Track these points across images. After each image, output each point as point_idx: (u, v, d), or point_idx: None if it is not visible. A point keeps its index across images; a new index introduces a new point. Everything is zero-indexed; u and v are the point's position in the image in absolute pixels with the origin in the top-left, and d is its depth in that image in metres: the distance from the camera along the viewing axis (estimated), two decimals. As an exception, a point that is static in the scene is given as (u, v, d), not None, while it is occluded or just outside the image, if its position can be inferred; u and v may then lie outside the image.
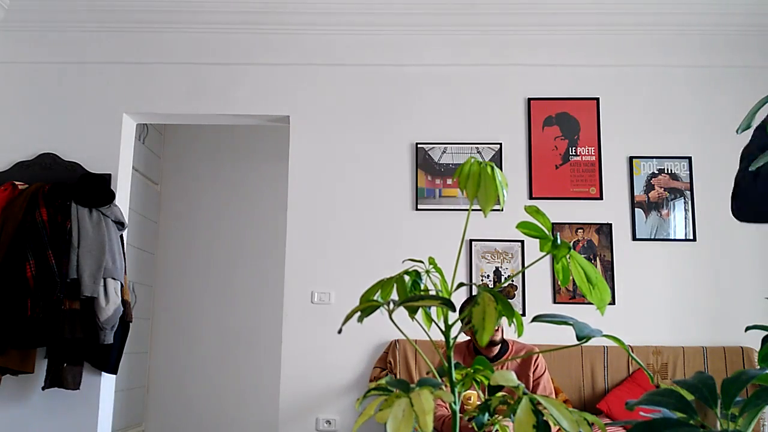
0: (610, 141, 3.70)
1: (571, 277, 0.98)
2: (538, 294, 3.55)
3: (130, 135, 3.82)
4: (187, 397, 4.75)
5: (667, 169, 3.66)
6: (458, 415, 0.86)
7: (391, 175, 3.69)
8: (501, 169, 3.15)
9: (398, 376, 3.33)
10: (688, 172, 3.65)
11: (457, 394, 0.87)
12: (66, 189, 3.42)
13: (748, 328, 1.05)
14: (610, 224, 3.61)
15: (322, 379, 3.51)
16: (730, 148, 3.61)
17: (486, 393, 0.96)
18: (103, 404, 3.47)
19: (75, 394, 3.33)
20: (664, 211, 3.63)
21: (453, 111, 3.75)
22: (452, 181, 3.66)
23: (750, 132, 1.22)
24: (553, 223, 3.23)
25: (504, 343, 2.97)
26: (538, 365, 2.98)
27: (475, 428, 0.93)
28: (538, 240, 0.99)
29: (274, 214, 4.72)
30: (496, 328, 2.86)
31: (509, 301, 0.90)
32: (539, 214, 0.99)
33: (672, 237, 3.61)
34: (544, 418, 0.78)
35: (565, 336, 1.31)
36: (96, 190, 3.43)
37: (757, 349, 2.18)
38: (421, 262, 1.07)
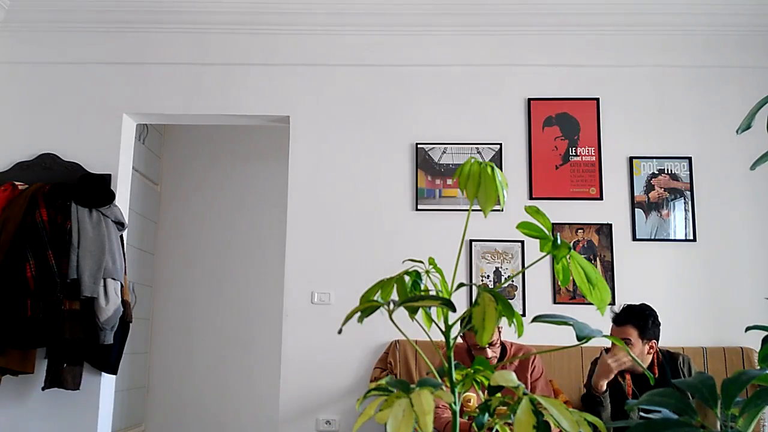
0: (610, 141, 3.70)
1: (571, 278, 0.98)
2: (538, 294, 3.55)
3: (130, 135, 3.82)
4: (187, 397, 4.75)
5: (667, 170, 3.66)
6: (458, 416, 0.86)
7: (391, 175, 3.69)
8: (501, 169, 3.15)
9: (398, 377, 3.33)
10: (688, 173, 3.65)
11: (457, 395, 0.87)
12: (66, 189, 3.42)
13: (748, 329, 1.05)
14: (610, 224, 3.61)
15: (322, 380, 3.50)
16: (730, 148, 3.64)
17: (486, 394, 0.96)
18: (103, 404, 3.46)
19: (75, 394, 3.33)
20: (664, 212, 3.63)
21: (453, 111, 3.75)
22: (452, 182, 3.66)
23: (750, 133, 1.22)
24: (553, 224, 3.23)
25: (502, 345, 2.96)
26: (535, 367, 2.97)
27: (476, 429, 0.93)
28: (538, 240, 0.99)
29: (274, 214, 4.72)
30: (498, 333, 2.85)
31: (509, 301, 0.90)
32: (539, 215, 0.99)
33: (672, 237, 3.61)
34: (545, 418, 0.78)
35: (565, 336, 1.31)
36: (96, 190, 3.43)
37: (757, 349, 2.18)
38: (421, 262, 1.07)
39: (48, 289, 3.21)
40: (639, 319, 2.79)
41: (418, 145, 3.70)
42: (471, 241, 3.58)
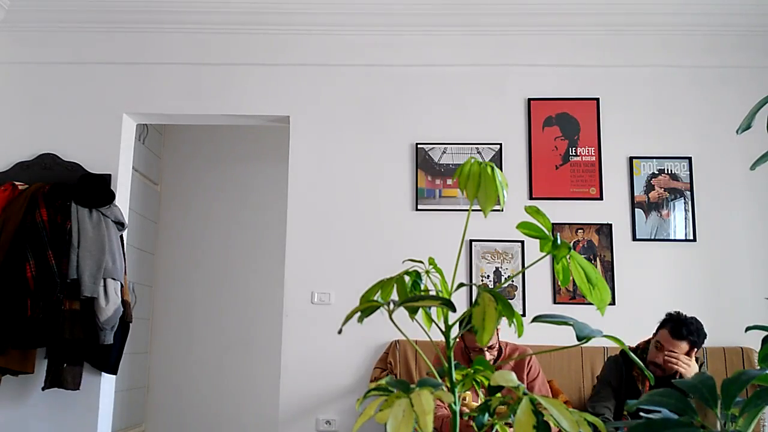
0: (610, 141, 3.70)
1: (571, 278, 0.98)
2: (538, 294, 3.55)
3: (130, 135, 3.82)
4: (187, 397, 4.75)
5: (667, 170, 3.66)
6: (458, 415, 0.86)
7: (391, 175, 3.69)
8: (501, 169, 3.16)
9: (398, 377, 3.33)
10: (688, 172, 3.65)
11: (457, 395, 0.87)
12: (66, 189, 3.42)
13: (748, 329, 1.05)
14: (610, 224, 3.61)
15: (322, 380, 3.51)
16: (730, 148, 3.64)
17: (485, 393, 0.96)
18: (103, 404, 3.46)
19: (75, 394, 3.33)
20: (664, 212, 3.63)
21: (453, 111, 3.75)
22: (452, 182, 3.66)
23: (750, 133, 1.22)
24: (553, 224, 3.23)
25: (498, 347, 2.96)
26: (531, 367, 2.96)
27: (475, 429, 0.93)
28: (538, 240, 0.99)
29: (274, 214, 4.72)
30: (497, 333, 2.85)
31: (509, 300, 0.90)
32: (539, 215, 0.99)
33: (672, 237, 3.61)
34: (544, 418, 0.78)
35: (566, 336, 1.31)
36: (96, 190, 3.43)
37: (757, 349, 2.18)
38: (421, 262, 1.07)
39: (48, 289, 3.21)
40: (696, 337, 2.75)
41: (418, 145, 3.70)
42: (471, 241, 3.58)
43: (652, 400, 0.80)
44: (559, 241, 0.98)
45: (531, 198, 3.64)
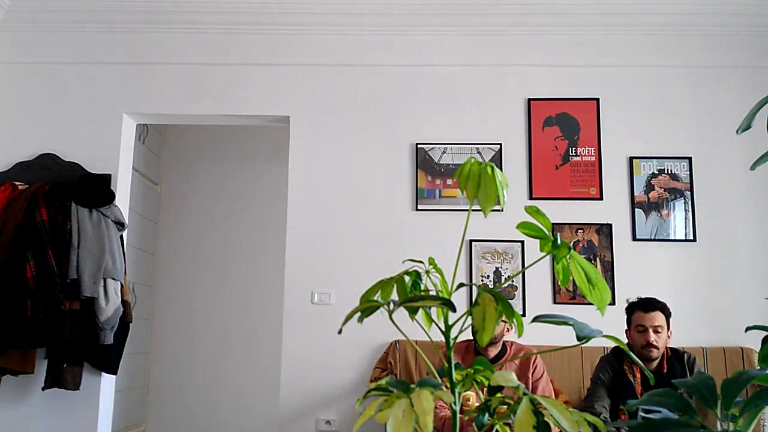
0: (610, 141, 3.70)
1: (571, 278, 0.98)
2: (538, 294, 3.55)
3: (130, 135, 3.82)
4: (187, 397, 4.75)
5: (667, 170, 3.66)
6: (458, 415, 0.86)
7: (391, 175, 3.69)
8: (501, 169, 3.16)
9: (398, 377, 3.33)
10: (688, 173, 3.65)
11: (457, 395, 0.87)
12: (66, 189, 3.42)
13: (748, 329, 1.05)
14: (610, 224, 3.61)
15: (322, 380, 3.51)
16: (730, 148, 3.64)
17: (486, 394, 0.96)
18: (103, 404, 3.46)
19: (75, 395, 3.33)
20: (664, 212, 3.63)
21: (453, 111, 3.75)
22: (452, 181, 3.66)
23: (750, 133, 1.22)
24: (553, 224, 3.23)
25: (502, 345, 2.97)
26: (536, 367, 2.98)
27: (475, 429, 0.93)
28: (538, 240, 0.99)
29: (274, 214, 4.72)
30: (505, 329, 2.91)
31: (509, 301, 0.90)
32: (539, 215, 0.99)
33: (672, 237, 3.61)
34: (545, 418, 0.78)
35: (566, 336, 1.31)
36: (96, 190, 3.43)
37: (757, 349, 2.18)
38: (421, 262, 1.07)
39: (48, 289, 3.21)
40: (665, 309, 2.91)
41: (418, 145, 3.70)
42: (471, 241, 3.58)
43: (652, 400, 0.80)
44: (559, 241, 0.98)
45: (531, 198, 3.64)
